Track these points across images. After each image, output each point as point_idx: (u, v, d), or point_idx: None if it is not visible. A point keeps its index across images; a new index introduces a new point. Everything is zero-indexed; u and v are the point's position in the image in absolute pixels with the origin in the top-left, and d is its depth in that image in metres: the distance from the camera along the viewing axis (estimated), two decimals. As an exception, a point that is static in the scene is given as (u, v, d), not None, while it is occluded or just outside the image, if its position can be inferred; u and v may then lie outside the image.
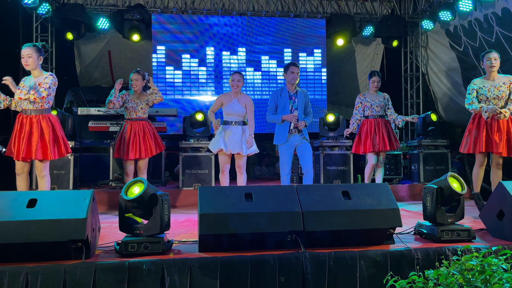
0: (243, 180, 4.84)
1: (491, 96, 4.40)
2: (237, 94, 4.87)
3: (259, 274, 2.76)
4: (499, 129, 4.35)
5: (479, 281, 2.12)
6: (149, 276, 2.66)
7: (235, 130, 4.78)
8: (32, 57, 4.02)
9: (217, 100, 4.98)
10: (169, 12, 8.30)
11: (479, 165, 4.52)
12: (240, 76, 4.85)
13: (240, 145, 4.75)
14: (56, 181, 5.83)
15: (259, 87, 8.55)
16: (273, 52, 8.58)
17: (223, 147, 4.72)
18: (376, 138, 5.24)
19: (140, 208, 2.94)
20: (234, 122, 4.81)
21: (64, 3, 7.94)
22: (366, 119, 5.37)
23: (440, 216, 3.25)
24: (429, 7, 8.03)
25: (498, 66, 4.46)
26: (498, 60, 4.45)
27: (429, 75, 8.66)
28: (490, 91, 4.41)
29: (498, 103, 4.40)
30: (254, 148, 4.85)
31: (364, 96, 5.42)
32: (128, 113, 5.01)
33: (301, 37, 8.64)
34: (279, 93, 4.88)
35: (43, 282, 2.55)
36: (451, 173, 3.37)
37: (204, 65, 8.38)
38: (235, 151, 4.75)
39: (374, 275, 2.84)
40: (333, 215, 3.02)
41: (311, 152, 4.90)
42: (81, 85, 8.72)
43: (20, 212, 2.78)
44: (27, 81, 4.10)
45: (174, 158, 7.45)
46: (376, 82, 5.37)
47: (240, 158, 4.82)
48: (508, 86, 4.41)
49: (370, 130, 5.28)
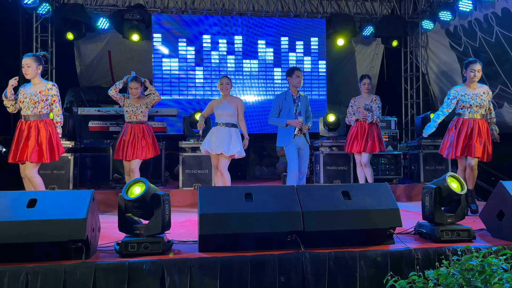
0: (227, 181, 4.85)
1: (474, 104, 4.59)
2: (227, 97, 4.98)
3: (259, 274, 2.76)
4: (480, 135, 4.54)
5: (479, 281, 2.12)
6: (149, 276, 2.65)
7: (221, 130, 4.85)
8: (31, 67, 4.17)
9: (208, 105, 5.13)
10: (169, 12, 8.30)
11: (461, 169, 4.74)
12: (228, 80, 4.98)
13: (223, 145, 4.78)
14: (56, 181, 5.83)
15: (256, 87, 8.55)
16: (273, 52, 8.58)
17: (207, 147, 4.85)
18: (355, 140, 5.52)
19: (141, 208, 2.94)
20: (222, 124, 4.88)
21: (64, 3, 7.94)
22: (356, 121, 5.62)
23: (438, 216, 3.25)
24: (429, 7, 8.03)
25: (479, 77, 4.63)
26: (481, 72, 4.62)
27: (429, 75, 8.67)
28: (473, 99, 4.60)
29: (478, 110, 4.60)
30: (238, 150, 4.83)
31: (354, 100, 5.70)
32: (128, 116, 5.18)
33: (301, 37, 8.64)
34: (284, 97, 5.03)
35: (43, 282, 2.55)
36: (451, 173, 3.37)
37: (204, 65, 8.38)
38: (219, 151, 4.79)
39: (374, 275, 2.84)
40: (333, 215, 3.02)
41: (309, 156, 5.12)
42: (81, 85, 8.72)
43: (20, 212, 2.77)
44: (27, 89, 4.25)
45: (174, 158, 7.45)
46: (366, 84, 5.59)
47: (222, 158, 4.84)
48: (487, 96, 4.63)
49: (356, 133, 5.56)
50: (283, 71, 8.36)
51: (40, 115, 4.19)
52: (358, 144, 5.49)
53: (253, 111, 8.38)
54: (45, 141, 4.15)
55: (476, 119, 4.59)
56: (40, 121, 4.19)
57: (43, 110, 4.21)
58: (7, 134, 4.25)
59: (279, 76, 8.55)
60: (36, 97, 4.17)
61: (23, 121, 4.21)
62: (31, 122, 4.17)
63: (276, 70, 8.57)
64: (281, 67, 8.53)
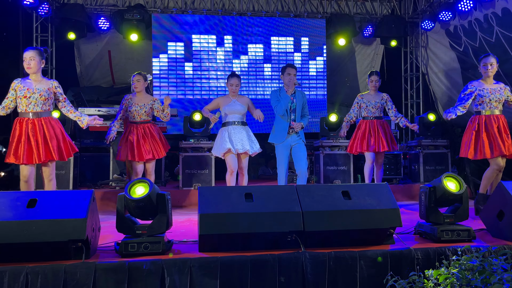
0: (245, 181, 4.81)
1: (493, 99, 4.40)
2: (235, 95, 4.84)
3: (259, 274, 2.76)
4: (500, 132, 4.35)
5: (479, 281, 2.12)
6: (149, 276, 2.65)
7: (238, 129, 4.72)
8: (35, 60, 4.01)
9: (214, 101, 4.94)
10: (169, 12, 8.30)
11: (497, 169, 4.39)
12: (238, 81, 4.81)
13: (246, 143, 4.68)
14: (56, 181, 5.83)
15: (254, 86, 8.55)
16: (273, 52, 8.59)
17: (231, 147, 4.64)
18: (371, 139, 5.21)
19: (146, 207, 2.93)
20: (236, 122, 4.74)
21: (64, 3, 7.94)
22: (363, 119, 5.37)
23: (434, 216, 3.26)
24: (429, 7, 8.03)
25: (495, 71, 4.45)
26: (495, 65, 4.45)
27: (429, 75, 8.66)
28: (492, 94, 4.40)
29: (498, 106, 4.42)
30: (258, 146, 4.82)
31: (362, 96, 5.41)
32: (132, 117, 4.92)
33: (302, 36, 8.64)
34: (278, 93, 4.75)
35: (43, 282, 2.55)
36: (449, 173, 3.37)
37: (205, 65, 8.38)
38: (243, 150, 4.66)
39: (374, 275, 2.84)
40: (333, 215, 3.01)
41: (306, 154, 4.79)
42: (81, 85, 8.71)
43: (20, 212, 2.77)
44: (29, 84, 4.02)
45: (174, 158, 7.45)
46: (374, 81, 5.34)
47: (244, 157, 4.76)
48: (504, 91, 4.45)
49: (366, 131, 5.27)
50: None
51: (49, 112, 4.08)
52: (375, 141, 5.18)
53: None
54: (61, 138, 4.04)
55: (497, 115, 4.40)
56: (51, 119, 4.06)
57: (50, 108, 4.11)
58: (7, 134, 4.18)
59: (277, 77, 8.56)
60: (46, 94, 4.01)
61: (27, 119, 3.97)
62: (41, 119, 4.00)
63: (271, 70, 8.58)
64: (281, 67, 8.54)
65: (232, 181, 4.75)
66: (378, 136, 5.20)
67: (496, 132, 4.34)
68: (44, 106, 4.03)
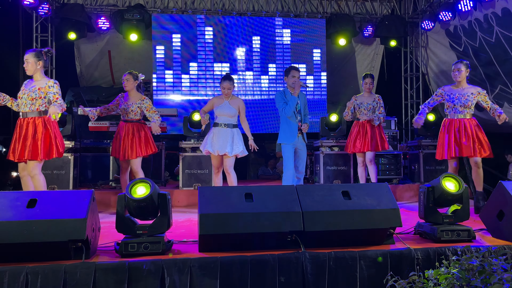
0: (233, 179, 4.82)
1: (458, 104, 4.63)
2: (228, 97, 4.89)
3: (259, 274, 2.76)
4: (467, 134, 4.57)
5: (479, 281, 2.12)
6: (149, 276, 2.66)
7: (223, 132, 4.78)
8: (30, 63, 4.15)
9: (209, 102, 5.04)
10: (169, 12, 8.30)
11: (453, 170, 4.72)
12: (230, 84, 4.85)
13: (226, 146, 4.74)
14: (56, 181, 5.83)
15: (251, 87, 8.55)
16: (273, 53, 8.59)
17: (210, 149, 4.77)
18: (358, 141, 5.47)
19: (148, 207, 2.93)
20: (224, 124, 4.80)
21: (64, 3, 7.94)
22: (357, 121, 5.58)
23: (432, 215, 3.26)
24: (429, 7, 8.03)
25: (463, 77, 4.68)
26: (463, 71, 4.68)
27: (429, 75, 8.66)
28: (457, 99, 4.64)
29: (463, 110, 4.63)
30: (241, 149, 4.81)
31: (356, 98, 5.62)
32: (122, 115, 5.10)
33: (301, 37, 8.64)
34: (284, 95, 4.94)
35: (43, 282, 2.55)
36: (448, 173, 3.37)
37: (205, 65, 8.38)
38: (222, 152, 4.75)
39: (374, 275, 2.84)
40: (333, 215, 3.02)
41: (306, 156, 5.08)
42: (81, 85, 8.71)
43: (20, 212, 2.78)
44: (27, 85, 4.24)
45: (174, 158, 7.45)
46: (368, 83, 5.56)
47: (226, 158, 4.81)
48: (475, 97, 4.64)
49: (357, 133, 5.51)
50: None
51: (38, 112, 4.13)
52: (361, 143, 5.42)
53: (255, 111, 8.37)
54: (41, 138, 4.08)
55: (461, 118, 4.63)
56: (37, 118, 4.12)
57: (41, 108, 4.14)
58: (7, 134, 4.24)
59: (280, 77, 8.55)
60: (34, 93, 4.11)
61: (21, 119, 4.16)
62: (28, 119, 4.12)
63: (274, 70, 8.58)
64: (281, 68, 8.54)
65: (218, 181, 4.92)
66: (365, 137, 5.43)
67: (453, 135, 4.59)
68: (32, 106, 4.14)
